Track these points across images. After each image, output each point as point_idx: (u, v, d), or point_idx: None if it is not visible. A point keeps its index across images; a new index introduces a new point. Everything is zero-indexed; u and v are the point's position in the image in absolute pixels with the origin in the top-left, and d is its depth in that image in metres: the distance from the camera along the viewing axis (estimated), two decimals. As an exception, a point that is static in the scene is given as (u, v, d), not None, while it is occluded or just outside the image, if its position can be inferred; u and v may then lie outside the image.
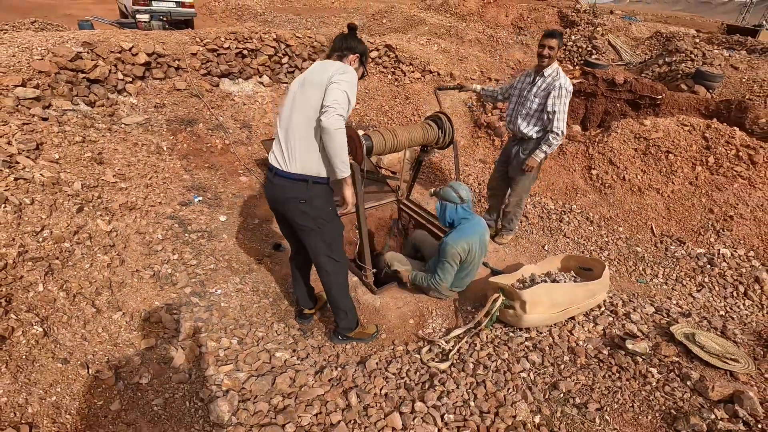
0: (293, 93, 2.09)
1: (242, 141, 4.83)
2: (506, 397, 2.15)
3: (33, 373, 1.73)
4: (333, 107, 1.87)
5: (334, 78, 1.94)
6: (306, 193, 2.08)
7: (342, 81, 1.93)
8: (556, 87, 3.15)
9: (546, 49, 3.14)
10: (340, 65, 2.04)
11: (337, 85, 1.91)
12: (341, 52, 2.16)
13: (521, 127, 3.39)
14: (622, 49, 11.83)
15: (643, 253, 3.81)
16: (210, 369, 2.09)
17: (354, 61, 2.18)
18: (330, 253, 2.31)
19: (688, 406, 2.09)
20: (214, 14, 15.50)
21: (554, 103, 3.16)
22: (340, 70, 1.97)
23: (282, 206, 2.18)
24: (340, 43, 2.17)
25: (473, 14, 13.59)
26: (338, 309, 2.52)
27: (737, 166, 4.11)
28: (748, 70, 9.23)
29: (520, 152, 3.49)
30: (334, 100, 1.88)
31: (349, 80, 1.96)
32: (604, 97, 6.46)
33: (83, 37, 4.28)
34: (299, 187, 2.07)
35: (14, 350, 1.75)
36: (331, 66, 2.04)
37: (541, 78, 3.25)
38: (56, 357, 1.83)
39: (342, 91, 1.90)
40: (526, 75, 3.45)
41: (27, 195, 2.43)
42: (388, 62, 6.26)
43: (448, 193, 2.89)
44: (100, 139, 3.46)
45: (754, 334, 2.87)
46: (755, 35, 18.50)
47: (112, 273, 2.46)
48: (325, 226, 2.21)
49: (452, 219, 2.90)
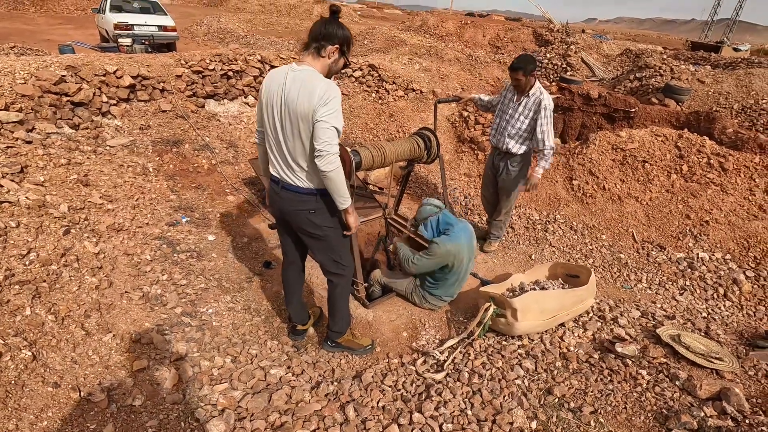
0: (279, 112, 1.97)
1: (229, 161, 4.83)
2: (502, 405, 2.17)
3: (23, 398, 1.68)
4: (326, 151, 1.87)
5: (318, 114, 1.85)
6: (315, 204, 2.14)
7: (327, 116, 1.86)
8: (541, 109, 3.33)
9: (514, 80, 3.37)
10: (321, 90, 1.86)
11: (324, 124, 1.86)
12: (318, 42, 1.95)
13: (509, 145, 3.55)
14: (595, 66, 12.32)
15: (626, 259, 3.92)
16: (204, 388, 2.06)
17: (333, 52, 1.98)
18: (338, 258, 2.36)
19: (679, 405, 2.15)
20: (197, 37, 15.62)
21: (542, 124, 3.34)
22: (324, 99, 1.85)
23: (290, 216, 2.21)
24: (318, 30, 1.96)
25: (452, 35, 14.02)
26: (335, 311, 2.57)
27: (709, 174, 4.29)
28: (714, 83, 9.71)
29: (509, 166, 3.64)
30: (325, 142, 1.87)
31: (333, 109, 1.88)
32: (581, 111, 6.69)
33: (67, 60, 4.28)
34: (308, 199, 2.12)
35: (2, 375, 1.70)
36: (311, 89, 1.87)
37: (525, 98, 3.42)
38: (46, 381, 1.78)
39: (330, 128, 1.88)
40: (508, 90, 3.60)
41: (12, 218, 2.39)
42: (371, 81, 6.39)
43: (425, 211, 3.01)
44: (86, 161, 3.43)
45: (736, 334, 2.97)
46: (717, 51, 19.52)
47: (100, 295, 2.41)
48: (333, 233, 2.26)
49: (440, 228, 2.98)
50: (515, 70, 3.30)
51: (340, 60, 2.04)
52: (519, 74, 3.29)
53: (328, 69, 2.02)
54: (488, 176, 3.93)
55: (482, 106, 3.95)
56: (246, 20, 19.09)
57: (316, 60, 1.97)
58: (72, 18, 18.88)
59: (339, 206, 2.09)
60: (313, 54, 1.97)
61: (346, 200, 2.08)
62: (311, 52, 1.97)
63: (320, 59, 1.97)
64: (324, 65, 1.99)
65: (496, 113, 3.69)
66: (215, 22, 17.30)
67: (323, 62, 1.98)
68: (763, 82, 9.63)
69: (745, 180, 4.19)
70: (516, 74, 3.31)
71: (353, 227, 2.24)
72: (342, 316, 2.59)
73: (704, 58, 14.13)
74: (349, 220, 2.20)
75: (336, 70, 2.08)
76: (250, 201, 4.38)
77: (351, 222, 2.21)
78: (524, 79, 3.32)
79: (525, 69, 3.27)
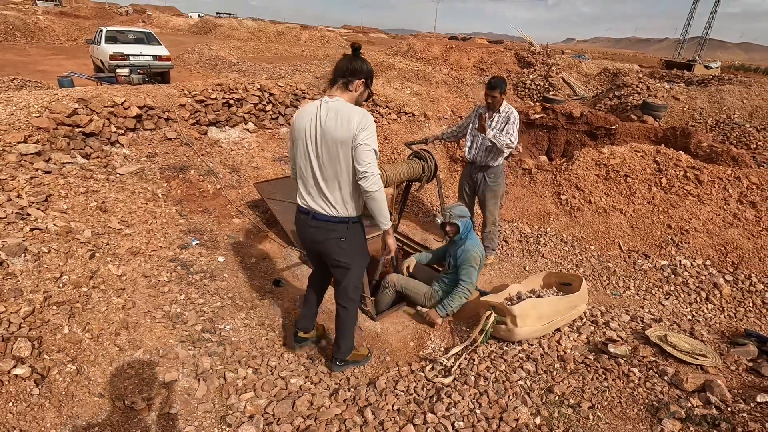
0: (312, 143, 2.10)
1: (232, 185, 5.03)
2: (508, 403, 2.35)
3: (74, 407, 1.82)
4: (370, 171, 2.00)
5: (360, 138, 1.99)
6: (346, 232, 2.26)
7: (368, 140, 2.00)
8: (511, 118, 3.77)
9: (490, 98, 3.75)
10: (358, 116, 2.01)
11: (365, 147, 1.99)
12: (345, 78, 2.10)
13: (488, 159, 3.90)
14: (576, 85, 12.88)
15: (614, 268, 4.17)
16: (232, 398, 2.21)
17: (360, 86, 2.14)
18: (358, 284, 2.52)
19: (668, 398, 2.34)
20: (189, 65, 15.94)
21: (511, 128, 3.76)
22: (362, 125, 2.00)
23: (321, 245, 2.33)
24: (344, 66, 2.11)
25: (438, 58, 14.55)
26: (346, 336, 2.64)
27: (687, 185, 4.61)
28: (688, 100, 10.25)
29: (486, 178, 3.98)
30: (368, 164, 2.00)
31: (372, 133, 2.02)
32: (564, 129, 7.06)
33: (78, 94, 4.48)
34: (340, 227, 2.25)
35: (54, 387, 1.84)
36: (348, 117, 2.01)
37: (497, 114, 3.83)
38: (92, 392, 1.92)
39: (371, 151, 2.01)
40: (477, 111, 3.96)
41: (44, 244, 2.55)
42: (366, 105, 6.68)
43: (463, 211, 3.31)
44: (101, 188, 3.60)
45: (718, 333, 3.20)
46: (690, 69, 20.44)
47: (126, 314, 2.56)
48: (360, 260, 2.42)
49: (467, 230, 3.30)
50: (493, 88, 3.69)
51: (365, 92, 2.21)
52: (496, 92, 3.69)
53: (356, 101, 2.19)
54: (465, 190, 4.23)
55: (450, 137, 4.33)
56: (236, 47, 19.54)
57: (345, 93, 2.13)
58: (64, 49, 19.14)
59: (381, 227, 2.19)
60: (341, 88, 2.13)
61: (388, 221, 2.19)
62: (339, 86, 2.13)
63: (348, 92, 2.13)
64: (352, 98, 2.15)
65: (469, 132, 4.03)
66: (206, 49, 17.71)
67: (351, 95, 2.14)
68: (733, 97, 10.21)
69: (720, 191, 4.51)
70: (493, 92, 3.70)
71: (393, 249, 2.36)
72: (350, 339, 2.68)
73: (678, 75, 14.87)
74: (389, 241, 2.33)
75: (361, 101, 2.24)
76: (255, 223, 4.56)
77: (390, 243, 2.34)
78: (499, 97, 3.73)
79: (501, 88, 3.69)
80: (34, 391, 1.80)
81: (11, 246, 2.40)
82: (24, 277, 2.27)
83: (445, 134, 4.34)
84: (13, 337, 1.94)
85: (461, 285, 3.18)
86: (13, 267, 2.32)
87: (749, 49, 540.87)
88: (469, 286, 3.17)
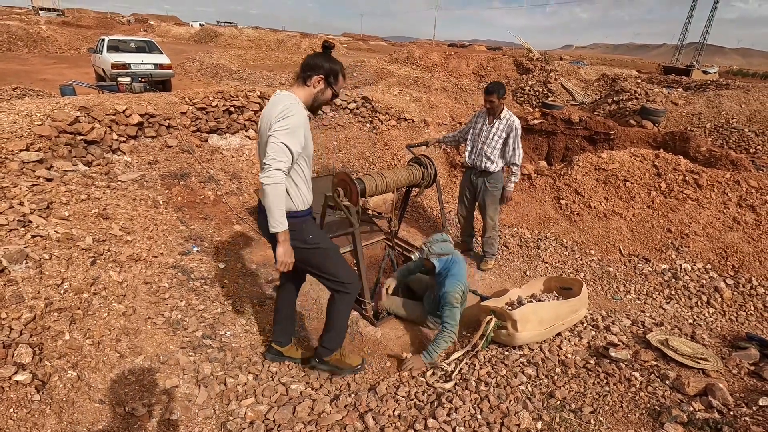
0: (258, 136, 2.10)
1: (233, 192, 5.05)
2: (509, 408, 2.34)
3: (75, 413, 1.82)
4: (267, 164, 1.90)
5: (272, 127, 1.91)
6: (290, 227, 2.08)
7: (279, 132, 1.90)
8: (513, 128, 3.74)
9: (488, 103, 3.75)
10: (282, 107, 1.94)
11: (273, 138, 1.90)
12: (305, 73, 2.04)
13: (487, 164, 3.91)
14: (575, 91, 12.93)
15: (614, 272, 4.17)
16: (232, 404, 2.21)
17: (318, 82, 2.05)
18: (330, 276, 2.32)
19: (669, 402, 2.34)
20: (190, 73, 16.05)
21: (514, 143, 3.77)
22: (280, 116, 1.91)
23: (267, 237, 2.22)
24: (306, 62, 2.06)
25: (437, 65, 14.65)
26: (331, 326, 2.51)
27: (686, 189, 4.62)
28: (686, 105, 10.29)
29: (486, 183, 4.01)
30: (269, 156, 1.90)
31: (287, 127, 1.90)
32: (564, 134, 7.09)
33: (80, 102, 4.51)
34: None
35: (54, 393, 1.85)
36: (275, 107, 1.96)
37: (498, 120, 3.82)
38: (92, 398, 1.92)
39: (278, 144, 1.89)
40: (478, 117, 4.00)
41: (45, 251, 2.56)
42: (365, 112, 6.73)
43: (445, 247, 3.10)
44: (102, 196, 3.62)
45: (720, 337, 3.19)
46: (688, 74, 20.56)
47: (127, 321, 2.57)
48: (310, 253, 2.22)
49: (447, 267, 3.11)
50: (490, 93, 3.70)
51: (326, 90, 2.11)
52: (493, 97, 3.69)
53: (314, 98, 2.10)
54: (465, 195, 4.24)
55: (450, 141, 4.34)
56: (237, 55, 19.69)
57: (301, 88, 2.07)
58: (65, 57, 19.30)
59: (270, 228, 1.98)
60: (298, 83, 2.08)
61: (279, 224, 1.97)
62: (298, 81, 2.08)
63: (305, 88, 2.06)
64: (309, 94, 2.07)
65: (469, 138, 4.04)
66: (207, 57, 17.84)
67: (309, 91, 2.07)
68: (731, 102, 10.24)
69: (719, 194, 4.52)
70: (491, 97, 3.70)
71: (281, 261, 2.07)
72: (337, 333, 2.51)
73: (676, 81, 14.95)
74: (279, 250, 2.04)
75: (323, 100, 2.14)
76: (256, 230, 4.57)
77: (279, 253, 2.04)
78: (497, 102, 3.72)
79: (498, 93, 3.69)
80: (34, 398, 1.81)
81: (13, 253, 2.41)
82: (25, 283, 2.28)
83: (447, 138, 4.36)
84: (15, 343, 1.94)
85: (445, 329, 2.92)
86: (14, 274, 2.33)
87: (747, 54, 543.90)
88: (453, 329, 2.92)
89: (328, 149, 6.16)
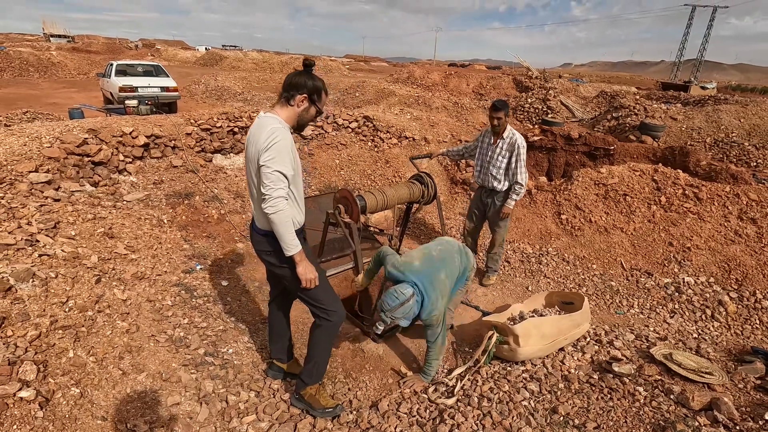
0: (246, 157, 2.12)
1: (237, 210, 5.11)
2: (512, 425, 2.32)
3: (77, 430, 1.83)
4: (268, 194, 1.92)
5: (261, 158, 1.93)
6: (271, 246, 2.14)
7: (269, 162, 1.92)
8: (516, 147, 3.75)
9: (496, 120, 3.76)
10: (267, 133, 1.93)
11: (266, 168, 1.92)
12: (288, 92, 2.03)
13: (494, 184, 3.93)
14: (574, 108, 13.08)
15: (617, 286, 4.15)
16: (234, 421, 2.21)
17: (302, 101, 2.04)
18: (314, 302, 2.26)
19: (674, 417, 2.31)
20: (195, 95, 16.37)
21: (517, 161, 3.78)
22: (267, 143, 1.92)
23: (258, 256, 2.28)
24: (288, 81, 2.04)
25: (437, 85, 14.90)
26: (311, 355, 2.41)
27: (686, 203, 4.63)
28: (685, 120, 10.38)
29: (495, 201, 4.02)
30: (267, 186, 1.92)
31: (275, 155, 1.92)
32: (564, 150, 7.16)
33: (88, 124, 4.63)
34: (265, 240, 2.17)
35: (57, 410, 1.86)
36: (261, 132, 1.96)
37: (501, 140, 3.84)
38: (95, 415, 1.93)
39: (273, 172, 1.92)
40: (484, 135, 4.03)
41: (51, 269, 2.60)
42: (367, 131, 6.83)
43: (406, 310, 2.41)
44: (108, 215, 3.68)
45: (725, 351, 3.17)
46: (686, 90, 20.77)
47: (131, 338, 2.59)
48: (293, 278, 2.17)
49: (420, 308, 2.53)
50: (498, 110, 3.72)
51: (310, 108, 2.10)
52: (500, 113, 3.71)
53: (299, 117, 2.09)
54: (474, 212, 4.25)
55: (455, 155, 4.35)
56: (241, 78, 20.07)
57: (284, 108, 2.06)
58: (75, 82, 19.77)
59: (285, 253, 2.03)
60: (282, 103, 2.06)
61: (292, 247, 2.02)
62: (281, 101, 2.07)
63: (288, 107, 2.05)
64: (293, 113, 2.06)
65: (477, 156, 4.07)
66: (212, 80, 18.20)
67: (292, 110, 2.06)
68: (730, 117, 10.33)
69: (719, 208, 4.53)
70: (497, 113, 3.72)
71: (304, 279, 2.10)
72: (316, 366, 2.40)
73: (675, 96, 15.09)
74: (299, 269, 2.08)
75: (307, 118, 2.13)
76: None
77: (301, 272, 2.08)
78: (504, 119, 3.75)
79: (505, 110, 3.73)
80: (38, 414, 1.82)
81: (20, 272, 2.46)
82: (31, 301, 2.32)
83: (450, 151, 4.37)
84: (20, 360, 1.97)
85: (430, 348, 2.73)
86: (21, 292, 2.37)
87: (745, 69, 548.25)
88: (435, 347, 2.71)
89: (330, 168, 6.24)
